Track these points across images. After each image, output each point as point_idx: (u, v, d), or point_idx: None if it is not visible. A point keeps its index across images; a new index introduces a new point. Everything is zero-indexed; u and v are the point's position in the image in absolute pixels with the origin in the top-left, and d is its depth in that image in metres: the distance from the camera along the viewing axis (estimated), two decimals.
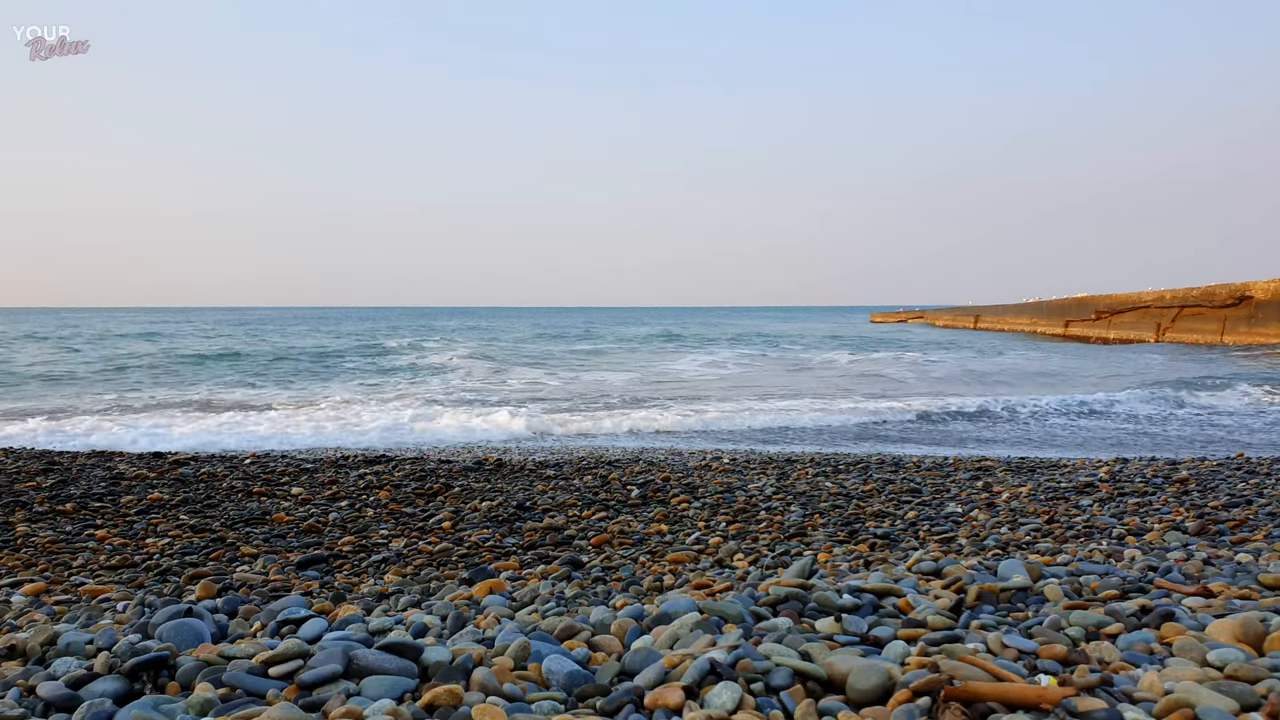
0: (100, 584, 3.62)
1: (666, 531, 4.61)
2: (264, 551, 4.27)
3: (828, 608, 2.21)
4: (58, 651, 2.07)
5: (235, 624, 2.52)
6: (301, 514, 5.10)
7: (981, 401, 13.06)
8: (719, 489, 5.74)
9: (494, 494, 5.71)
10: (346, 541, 4.45)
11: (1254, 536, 3.72)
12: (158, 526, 4.79)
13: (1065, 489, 5.51)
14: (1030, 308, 47.27)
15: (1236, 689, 1.50)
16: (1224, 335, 28.68)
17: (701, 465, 7.02)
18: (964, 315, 57.26)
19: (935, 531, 4.39)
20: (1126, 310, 36.18)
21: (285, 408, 13.70)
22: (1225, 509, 4.57)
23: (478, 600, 2.91)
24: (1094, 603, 2.21)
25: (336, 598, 3.27)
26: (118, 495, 5.56)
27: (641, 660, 1.81)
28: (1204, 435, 10.27)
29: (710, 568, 3.78)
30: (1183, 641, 1.80)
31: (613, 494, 5.65)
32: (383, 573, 3.88)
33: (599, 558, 4.04)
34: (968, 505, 5.11)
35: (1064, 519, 4.55)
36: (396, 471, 6.58)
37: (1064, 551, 3.46)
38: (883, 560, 3.66)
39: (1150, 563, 2.88)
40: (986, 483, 5.91)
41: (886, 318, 76.88)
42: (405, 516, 5.09)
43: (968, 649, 1.76)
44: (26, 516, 4.97)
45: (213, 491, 5.75)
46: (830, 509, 5.09)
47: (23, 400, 15.15)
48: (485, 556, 4.14)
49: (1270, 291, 26.79)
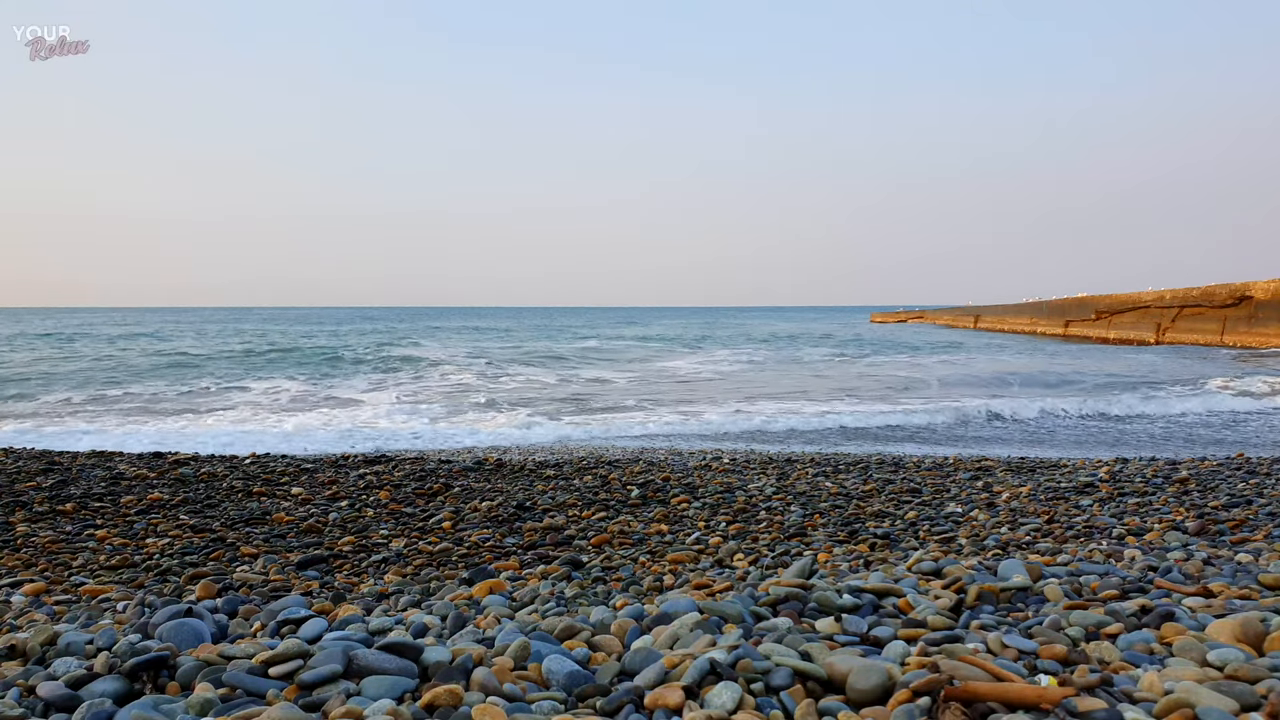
0: (100, 584, 3.62)
1: (666, 531, 4.61)
2: (264, 551, 4.27)
3: (828, 608, 2.21)
4: (58, 651, 2.07)
5: (235, 624, 2.52)
6: (301, 514, 5.10)
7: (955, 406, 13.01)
8: (719, 489, 5.74)
9: (494, 494, 5.71)
10: (346, 541, 4.45)
11: (1254, 536, 3.72)
12: (158, 526, 4.79)
13: (1065, 489, 5.51)
14: (1030, 308, 47.28)
15: (1236, 689, 1.50)
16: (1224, 335, 28.69)
17: (701, 465, 7.02)
18: (964, 315, 57.28)
19: (935, 531, 4.39)
20: (1126, 310, 36.18)
21: (291, 407, 13.71)
22: (1225, 509, 4.57)
23: (478, 600, 2.91)
24: (1094, 603, 2.21)
25: (336, 598, 3.27)
26: (118, 495, 5.56)
27: (641, 660, 1.81)
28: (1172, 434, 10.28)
29: (710, 568, 3.78)
30: (1183, 641, 1.80)
31: (613, 494, 5.65)
32: (383, 573, 3.88)
33: (599, 558, 4.04)
34: (968, 505, 5.11)
35: (1064, 519, 4.55)
36: (396, 471, 6.58)
37: (1064, 551, 3.46)
38: (883, 560, 3.66)
39: (1150, 563, 2.88)
40: (986, 483, 5.91)
41: (886, 318, 76.91)
42: (405, 516, 5.09)
43: (968, 649, 1.76)
44: (26, 516, 4.97)
45: (213, 491, 5.75)
46: (830, 509, 5.09)
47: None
48: (485, 556, 4.14)
49: (1270, 291, 26.79)
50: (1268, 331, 26.45)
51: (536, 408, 13.64)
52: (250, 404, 14.30)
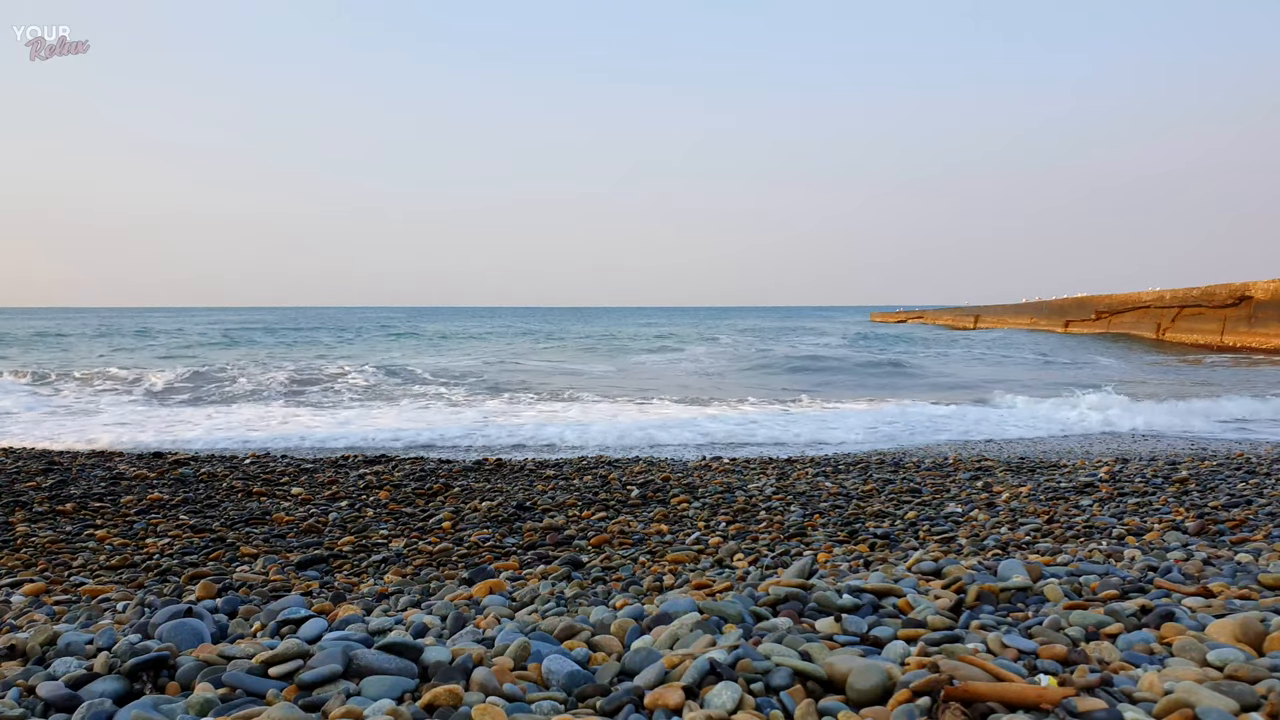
0: (100, 584, 3.62)
1: (666, 531, 4.61)
2: (264, 551, 4.27)
3: (828, 608, 2.21)
4: (58, 651, 2.07)
5: (235, 624, 2.52)
6: (301, 514, 5.10)
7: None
8: (719, 489, 5.74)
9: (494, 494, 5.71)
10: (346, 541, 4.45)
11: (1254, 536, 3.72)
12: (158, 526, 4.79)
13: (1065, 489, 5.52)
14: (1030, 308, 47.26)
15: (1236, 689, 1.50)
16: (1224, 335, 28.69)
17: (701, 465, 7.02)
18: (964, 315, 57.26)
19: (935, 531, 4.39)
20: (1126, 310, 36.18)
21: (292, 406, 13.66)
22: (1225, 509, 4.57)
23: (478, 600, 2.91)
24: (1094, 603, 2.21)
25: (336, 598, 3.28)
26: (118, 495, 5.56)
27: (641, 660, 1.81)
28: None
29: (710, 568, 3.78)
30: (1183, 641, 1.80)
31: (613, 494, 5.65)
32: (383, 573, 3.88)
33: (599, 558, 4.05)
34: (968, 505, 5.11)
35: (1064, 519, 4.55)
36: (396, 471, 6.58)
37: (1064, 551, 3.46)
38: (883, 560, 3.67)
39: (1150, 563, 2.88)
40: (986, 483, 5.91)
41: (886, 318, 76.93)
42: (405, 516, 5.09)
43: (968, 649, 1.77)
44: (26, 516, 4.97)
45: (213, 491, 5.75)
46: (830, 509, 5.09)
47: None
48: (485, 556, 4.14)
49: (1270, 291, 26.78)
50: (1268, 332, 26.44)
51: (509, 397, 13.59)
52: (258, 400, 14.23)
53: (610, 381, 18.22)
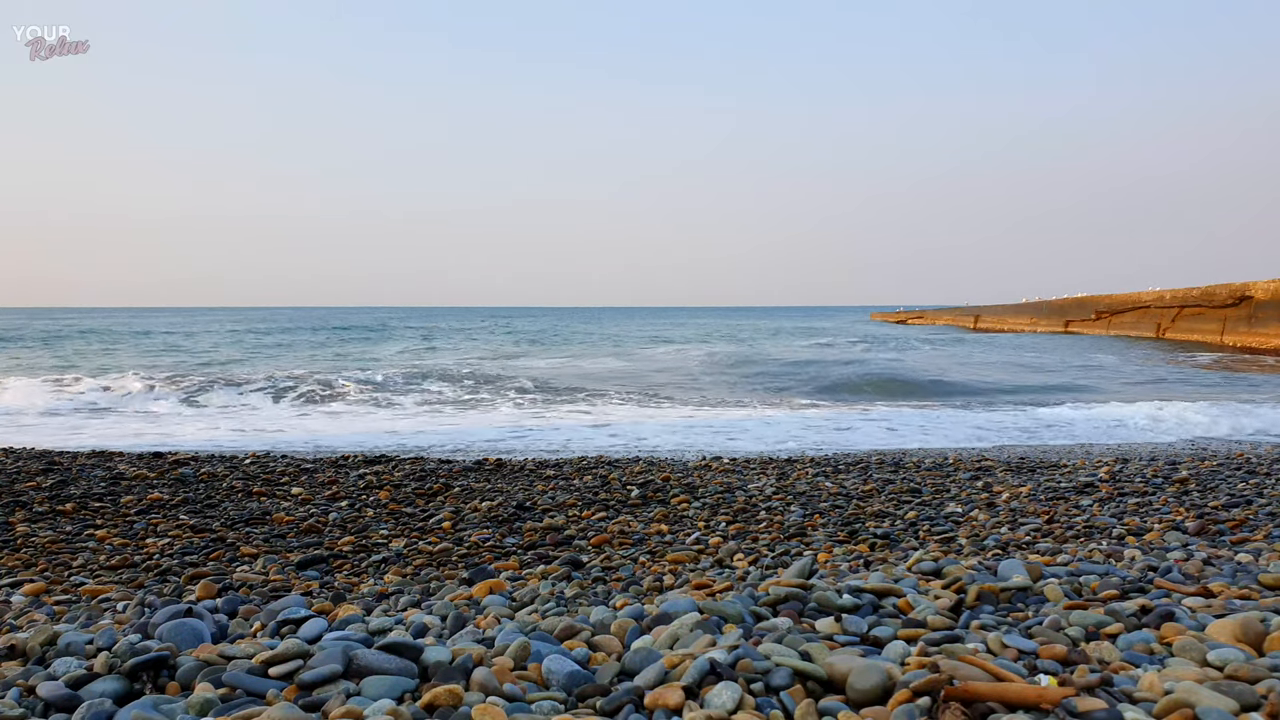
0: (100, 584, 3.62)
1: (666, 531, 4.61)
2: (264, 551, 4.27)
3: (828, 608, 2.21)
4: (58, 651, 2.07)
5: (235, 624, 2.52)
6: (301, 514, 5.10)
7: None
8: (719, 489, 5.74)
9: (494, 494, 5.71)
10: (346, 541, 4.44)
11: (1254, 536, 3.72)
12: (158, 526, 4.79)
13: (1065, 489, 5.52)
14: (1030, 308, 47.26)
15: (1236, 689, 1.50)
16: (1224, 335, 28.68)
17: (701, 465, 7.02)
18: (964, 315, 57.23)
19: (935, 531, 4.39)
20: (1126, 310, 36.18)
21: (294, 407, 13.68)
22: (1225, 509, 4.57)
23: (478, 600, 2.91)
24: (1094, 603, 2.21)
25: (336, 598, 3.27)
26: (118, 495, 5.56)
27: (641, 660, 1.81)
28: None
29: (710, 568, 3.78)
30: (1183, 641, 1.80)
31: (613, 494, 5.65)
32: (383, 573, 3.88)
33: (599, 558, 4.04)
34: (968, 505, 5.11)
35: (1064, 519, 4.55)
36: (396, 471, 6.58)
37: (1064, 551, 3.46)
38: (883, 560, 3.66)
39: (1150, 563, 2.88)
40: (986, 483, 5.91)
41: (886, 318, 76.91)
42: (405, 516, 5.09)
43: (968, 649, 1.77)
44: (26, 516, 4.97)
45: (213, 491, 5.75)
46: (830, 509, 5.09)
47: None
48: (485, 556, 4.14)
49: (1270, 291, 26.77)
50: (1268, 332, 26.43)
51: (525, 401, 13.61)
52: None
53: (614, 382, 18.22)
